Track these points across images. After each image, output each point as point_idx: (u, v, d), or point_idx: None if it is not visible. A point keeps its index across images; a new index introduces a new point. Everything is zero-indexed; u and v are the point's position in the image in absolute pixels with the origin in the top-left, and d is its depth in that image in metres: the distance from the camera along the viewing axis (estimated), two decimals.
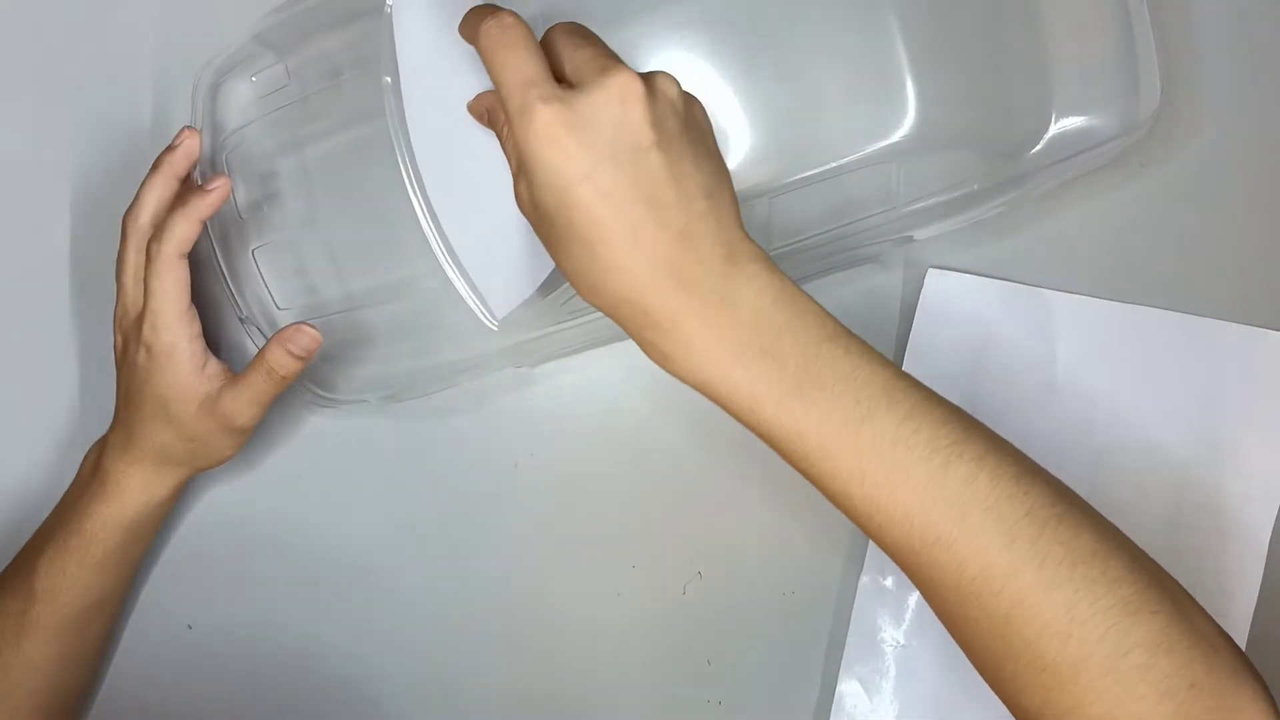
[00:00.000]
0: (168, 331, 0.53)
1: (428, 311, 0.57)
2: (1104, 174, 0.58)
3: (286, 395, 0.55)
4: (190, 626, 0.62)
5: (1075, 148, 0.53)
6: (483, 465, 0.61)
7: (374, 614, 0.61)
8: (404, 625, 0.61)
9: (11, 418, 0.63)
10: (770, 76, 0.55)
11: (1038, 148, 0.54)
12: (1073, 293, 0.58)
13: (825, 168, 0.55)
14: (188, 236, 0.53)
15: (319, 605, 0.62)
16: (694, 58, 0.55)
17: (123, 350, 0.55)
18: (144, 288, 0.53)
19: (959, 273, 0.59)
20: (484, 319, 0.49)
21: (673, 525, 0.60)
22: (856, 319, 0.43)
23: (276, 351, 0.52)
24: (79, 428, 0.62)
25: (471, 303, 0.48)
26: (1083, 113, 0.54)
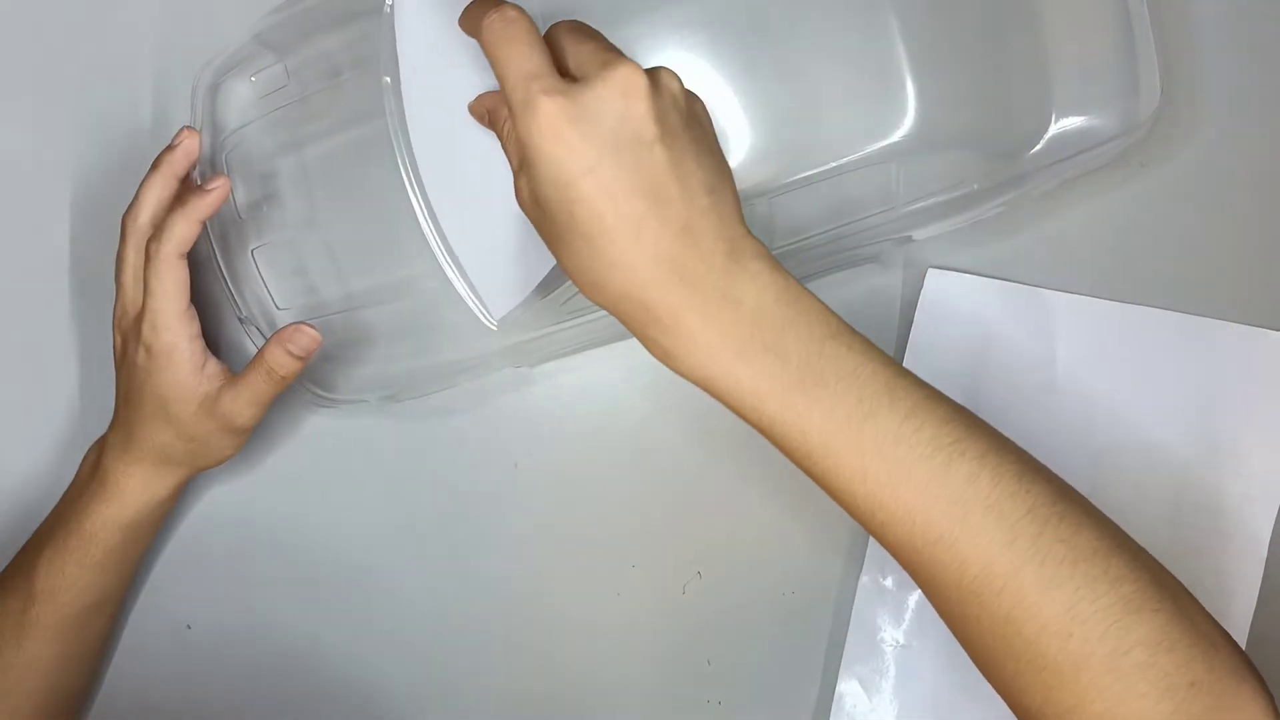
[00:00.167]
0: (167, 331, 0.53)
1: (427, 311, 0.57)
2: (1104, 174, 0.58)
3: (286, 395, 0.55)
4: (190, 626, 0.62)
5: (1075, 148, 0.53)
6: (483, 465, 0.61)
7: (374, 614, 0.61)
8: (404, 625, 0.61)
9: (11, 418, 0.63)
10: (770, 76, 0.55)
11: (1038, 148, 0.54)
12: (1073, 293, 0.58)
13: (825, 167, 0.55)
14: (187, 236, 0.53)
15: (319, 605, 0.62)
16: (694, 57, 0.55)
17: (122, 350, 0.55)
18: (143, 287, 0.53)
19: (959, 273, 0.59)
20: (483, 319, 0.49)
21: (673, 525, 0.60)
22: (856, 319, 0.43)
23: (276, 351, 0.52)
24: (79, 428, 0.62)
25: (471, 303, 0.48)
26: (1083, 113, 0.54)
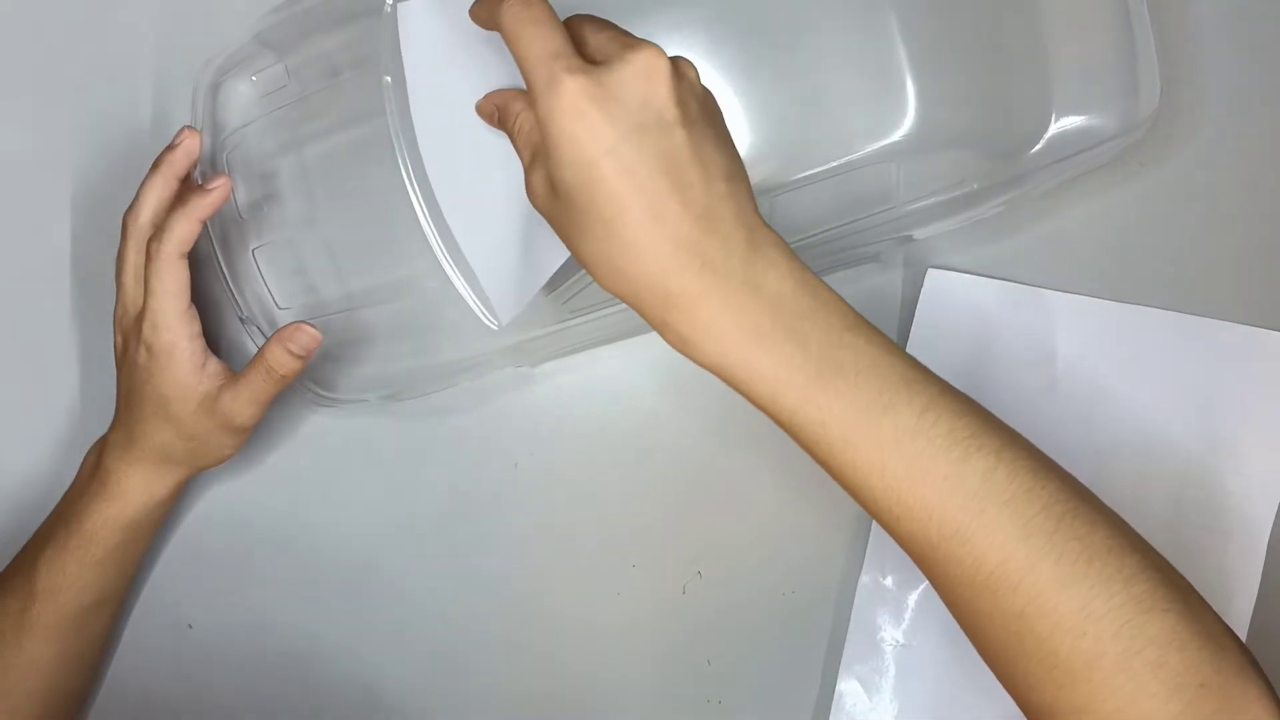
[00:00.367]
0: (168, 331, 0.53)
1: (428, 311, 0.57)
2: (1104, 174, 0.58)
3: (286, 394, 0.55)
4: (190, 626, 0.62)
5: (1075, 147, 0.53)
6: (483, 465, 0.61)
7: (374, 613, 0.61)
8: (404, 625, 0.61)
9: (11, 418, 0.63)
10: (770, 76, 0.55)
11: (1037, 147, 0.54)
12: (1073, 292, 0.58)
13: (825, 167, 0.55)
14: (188, 236, 0.53)
15: (319, 605, 0.62)
16: (696, 58, 0.54)
17: (123, 349, 0.55)
18: (144, 287, 0.53)
19: (959, 272, 0.59)
20: (484, 319, 0.49)
21: (673, 525, 0.60)
22: None
23: (276, 350, 0.52)
24: (79, 428, 0.62)
25: (471, 302, 0.48)
26: (1082, 112, 0.54)
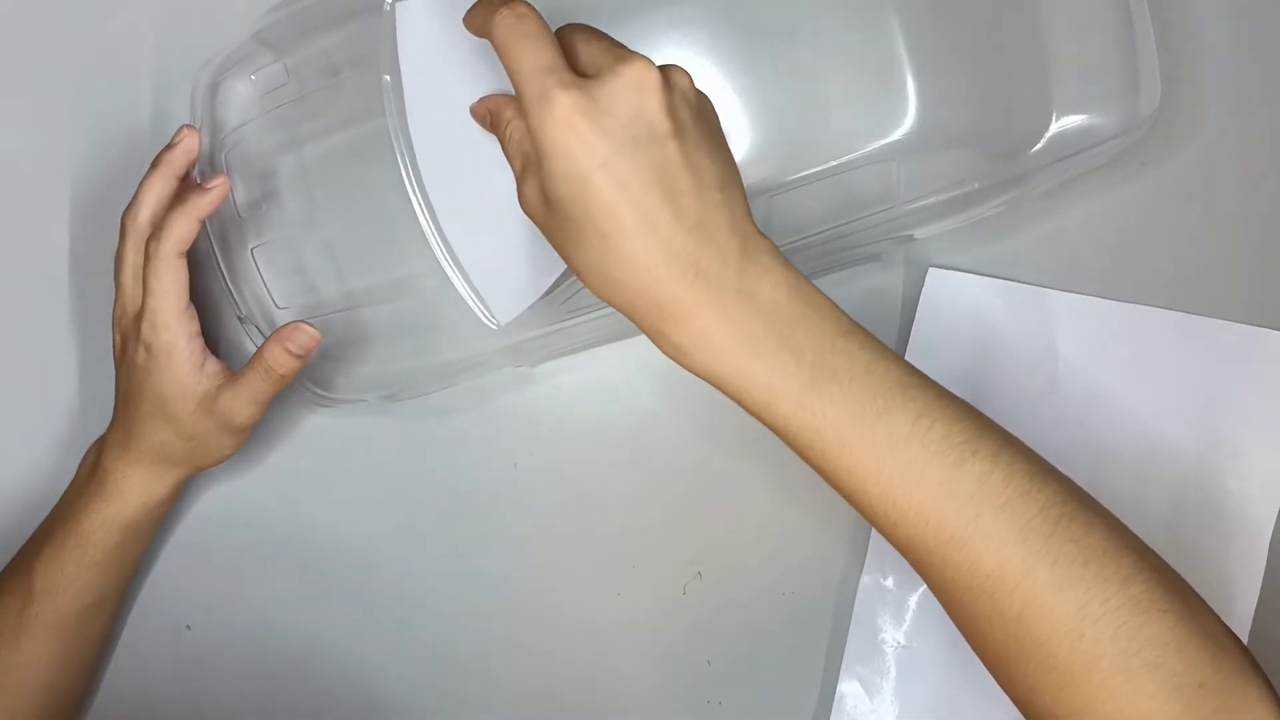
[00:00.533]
0: (166, 330, 0.53)
1: (427, 311, 0.57)
2: (1104, 173, 0.58)
3: (285, 394, 0.55)
4: (189, 627, 0.62)
5: (1075, 146, 0.53)
6: (483, 465, 0.61)
7: (374, 613, 0.61)
8: (404, 625, 0.61)
9: (11, 418, 0.63)
10: (771, 75, 0.55)
11: (1038, 146, 0.54)
12: (1073, 292, 0.58)
13: (826, 166, 0.55)
14: (186, 235, 0.52)
15: (319, 605, 0.62)
16: (695, 56, 0.55)
17: (121, 349, 0.55)
18: (143, 286, 0.53)
19: (960, 272, 0.59)
20: (484, 319, 0.49)
21: (673, 525, 0.60)
22: (858, 317, 0.43)
23: (275, 350, 0.52)
24: (79, 428, 0.62)
25: (471, 302, 0.48)
26: (1083, 112, 0.54)
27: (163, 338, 0.53)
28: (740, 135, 0.55)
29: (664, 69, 0.41)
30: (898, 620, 0.58)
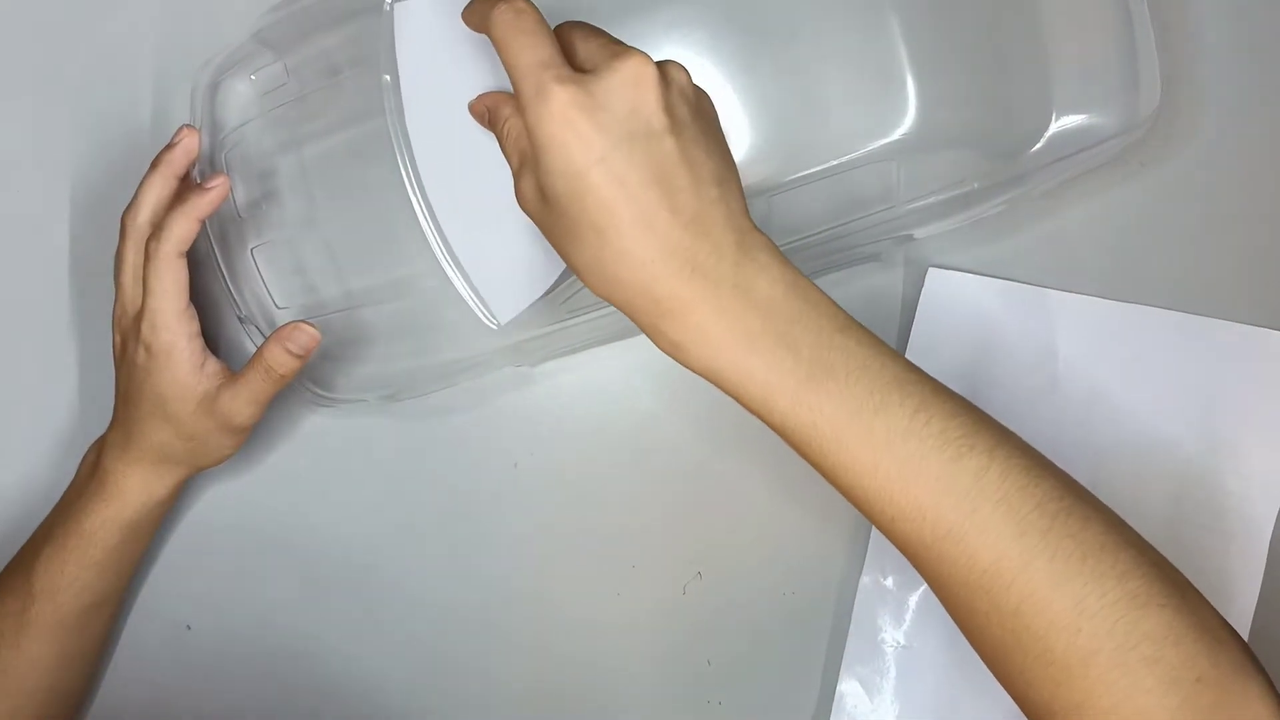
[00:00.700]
0: (166, 330, 0.53)
1: (427, 311, 0.57)
2: (1104, 173, 0.58)
3: (285, 394, 0.55)
4: (189, 627, 0.62)
5: (1075, 146, 0.53)
6: (483, 465, 0.61)
7: (374, 614, 0.61)
8: (404, 625, 0.61)
9: (11, 418, 0.63)
10: (771, 74, 0.55)
11: (1038, 146, 0.54)
12: (1073, 292, 0.58)
13: (826, 165, 0.55)
14: (186, 235, 0.52)
15: (319, 605, 0.62)
16: (695, 56, 0.55)
17: (121, 349, 0.55)
18: (143, 286, 0.53)
19: (960, 272, 0.59)
20: (483, 318, 0.49)
21: (673, 525, 0.60)
22: (857, 317, 0.43)
23: (275, 350, 0.52)
24: (79, 428, 0.62)
25: (471, 302, 0.48)
26: (1083, 111, 0.54)
27: (163, 338, 0.53)
28: (740, 135, 0.55)
29: (661, 65, 0.41)
30: (898, 620, 0.58)
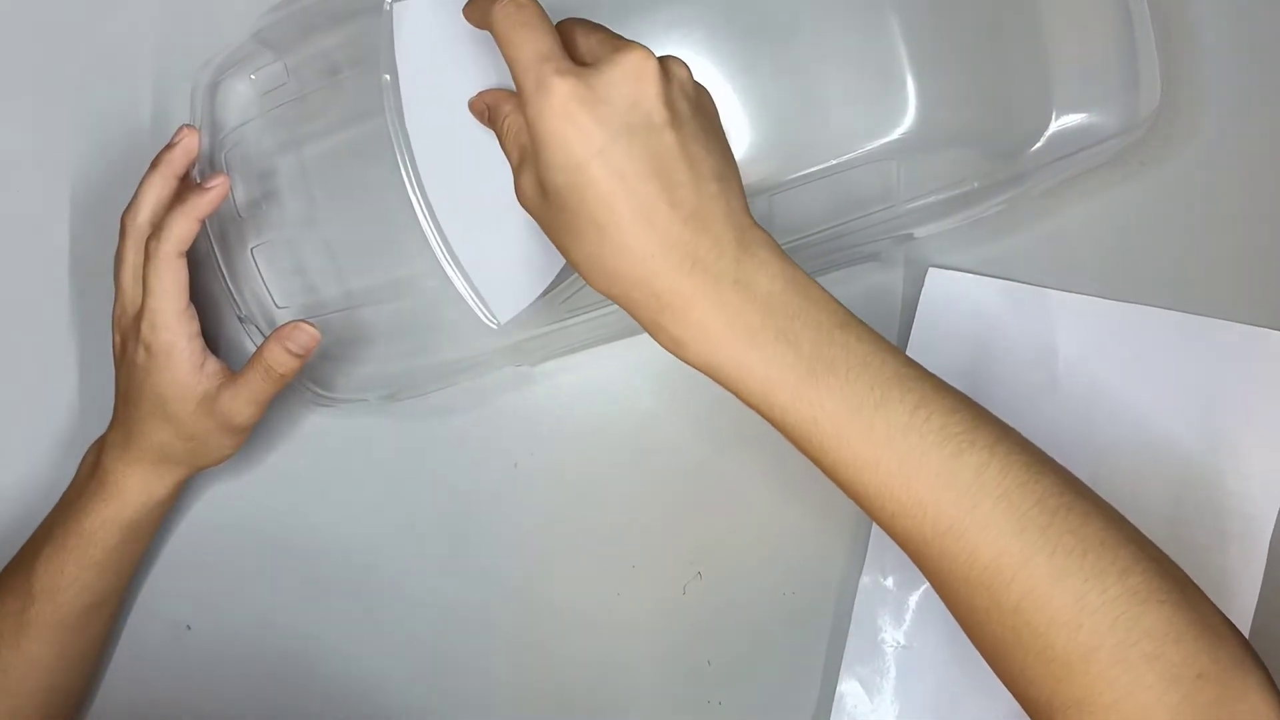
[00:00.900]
0: (166, 330, 0.53)
1: (427, 310, 0.57)
2: (1104, 173, 0.58)
3: (286, 394, 0.55)
4: (189, 627, 0.62)
5: (1075, 145, 0.53)
6: (483, 465, 0.61)
7: (374, 614, 0.61)
8: (404, 625, 0.61)
9: (11, 418, 0.63)
10: (770, 74, 0.55)
11: (1038, 145, 0.54)
12: (1073, 292, 0.58)
13: (825, 165, 0.55)
14: (186, 235, 0.52)
15: (319, 605, 0.62)
16: (695, 56, 0.55)
17: (121, 349, 0.55)
18: (143, 286, 0.53)
19: (959, 272, 0.59)
20: (483, 318, 0.49)
21: (673, 525, 0.60)
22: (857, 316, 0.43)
23: (274, 349, 0.52)
24: (79, 428, 0.62)
25: (470, 301, 0.48)
26: (1083, 110, 0.54)
27: (162, 337, 0.53)
28: (740, 135, 0.55)
29: (662, 60, 0.41)
30: (898, 620, 0.58)
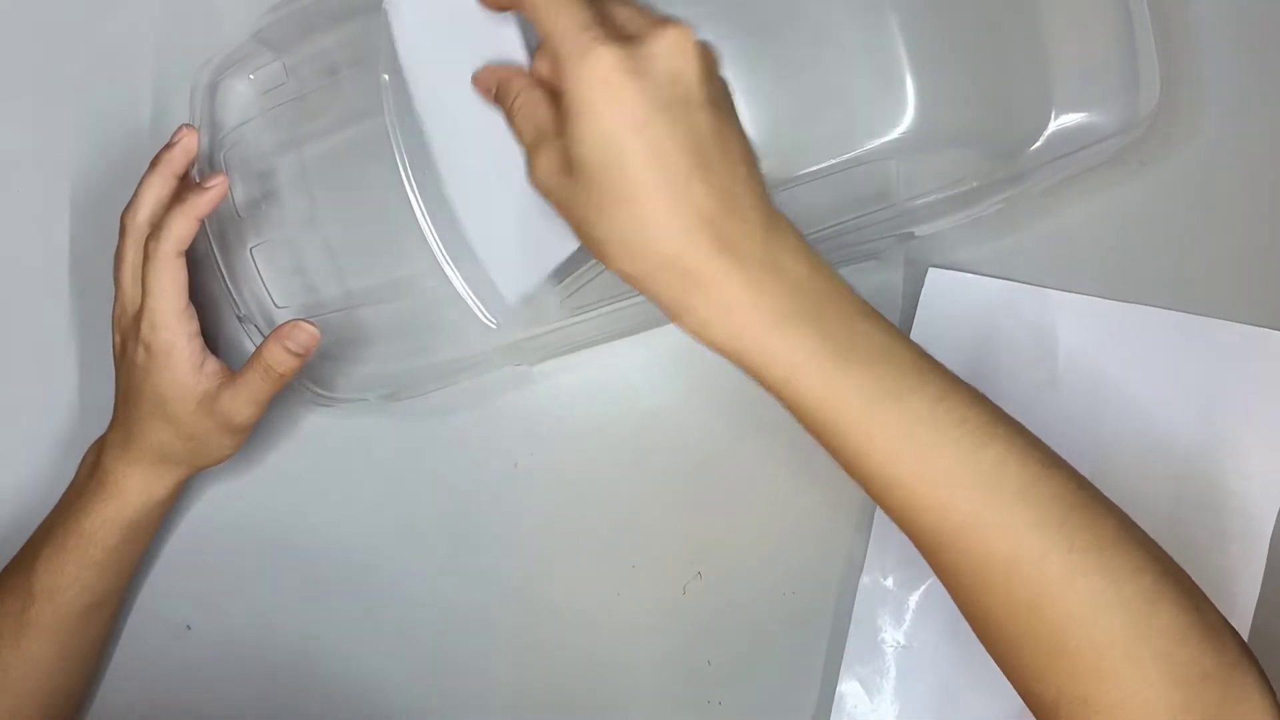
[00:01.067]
0: (166, 330, 0.53)
1: (426, 310, 0.57)
2: (1104, 172, 0.58)
3: (285, 394, 0.55)
4: (189, 627, 0.62)
5: (1075, 144, 0.53)
6: (483, 465, 0.61)
7: (374, 614, 0.61)
8: (404, 625, 0.61)
9: (11, 418, 0.63)
10: (770, 73, 0.55)
11: (1037, 144, 0.54)
12: (1073, 291, 0.58)
13: (825, 164, 0.55)
14: (185, 234, 0.52)
15: (319, 605, 0.62)
16: None
17: (121, 349, 0.55)
18: (142, 286, 0.53)
19: (959, 272, 0.58)
20: (482, 317, 0.49)
21: (673, 525, 0.60)
22: None
23: (274, 349, 0.52)
24: (79, 428, 0.62)
25: (470, 301, 0.48)
26: (1082, 109, 0.54)
27: (162, 337, 0.53)
28: None
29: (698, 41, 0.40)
30: (898, 620, 0.58)
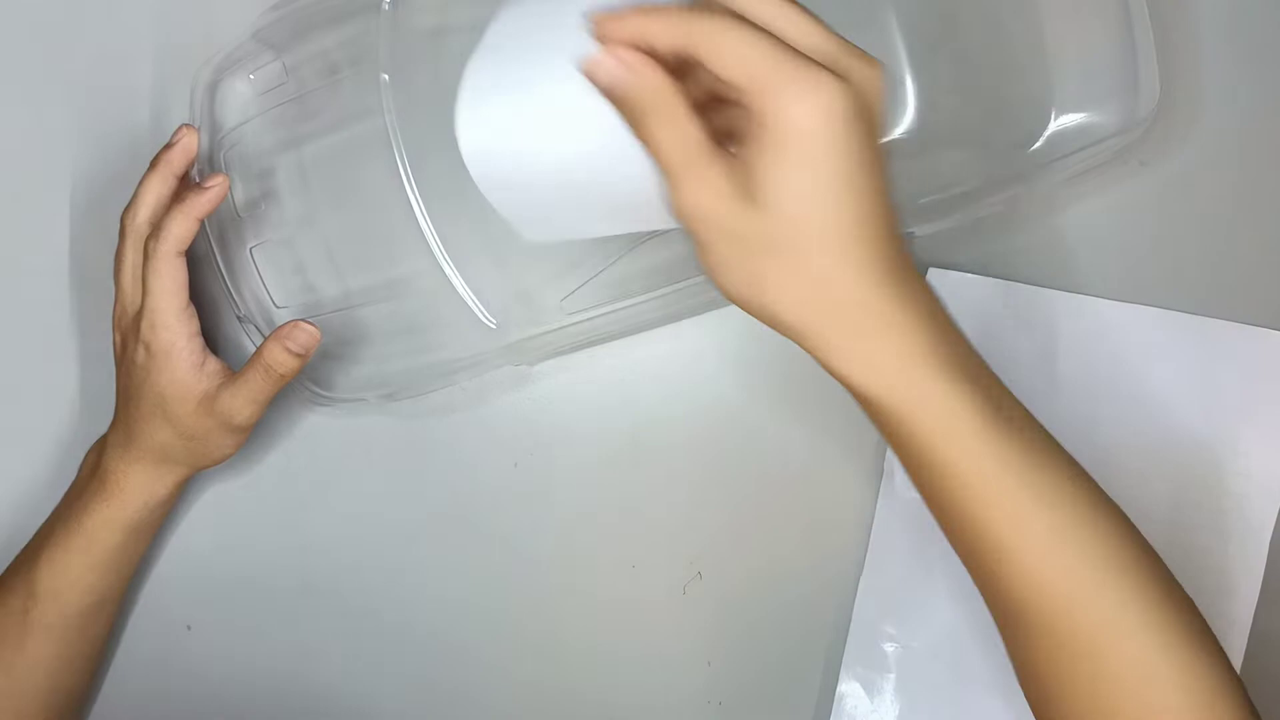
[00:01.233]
0: (166, 330, 0.53)
1: (426, 310, 0.57)
2: (1104, 172, 0.58)
3: (285, 394, 0.55)
4: (189, 627, 0.62)
5: (1075, 145, 0.53)
6: (482, 465, 0.61)
7: (374, 613, 0.61)
8: (403, 625, 0.61)
9: (11, 418, 0.63)
10: None
11: (1037, 145, 0.54)
12: (1072, 292, 0.58)
13: None
14: (185, 234, 0.52)
15: (319, 604, 0.62)
16: None
17: (122, 349, 0.55)
18: (142, 286, 0.53)
19: (960, 272, 0.58)
20: (481, 317, 0.49)
21: (673, 525, 0.60)
22: None
23: (274, 349, 0.52)
24: (79, 428, 0.62)
25: (469, 301, 0.48)
26: (1082, 110, 0.54)
27: (162, 337, 0.53)
28: None
29: None
30: (898, 620, 0.58)
